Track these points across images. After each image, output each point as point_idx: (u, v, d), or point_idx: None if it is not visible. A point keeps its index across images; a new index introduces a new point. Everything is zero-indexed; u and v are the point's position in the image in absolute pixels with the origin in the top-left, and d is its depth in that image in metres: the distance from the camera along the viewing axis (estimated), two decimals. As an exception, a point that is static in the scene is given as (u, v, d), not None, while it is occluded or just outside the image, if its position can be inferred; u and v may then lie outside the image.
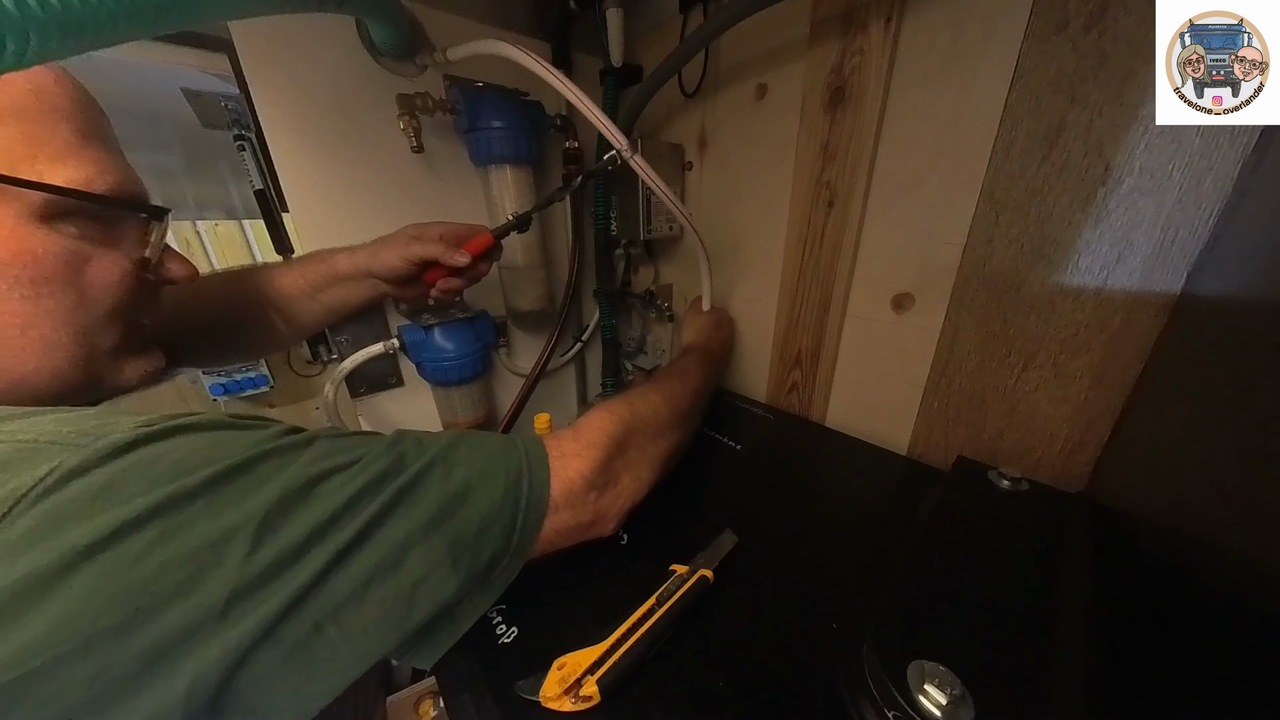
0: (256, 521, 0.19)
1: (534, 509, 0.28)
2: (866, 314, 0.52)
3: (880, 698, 0.23)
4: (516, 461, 0.29)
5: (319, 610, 0.20)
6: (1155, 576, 0.27)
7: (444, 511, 0.24)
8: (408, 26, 0.46)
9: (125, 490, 0.17)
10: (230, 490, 0.19)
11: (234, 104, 0.67)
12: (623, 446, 0.34)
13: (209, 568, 0.18)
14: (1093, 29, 0.32)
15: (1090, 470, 0.39)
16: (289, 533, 0.20)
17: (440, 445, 0.27)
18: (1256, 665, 0.18)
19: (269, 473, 0.21)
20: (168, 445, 0.19)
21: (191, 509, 0.18)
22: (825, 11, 0.46)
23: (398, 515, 0.23)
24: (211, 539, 0.18)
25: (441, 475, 0.25)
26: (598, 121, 0.46)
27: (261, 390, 1.45)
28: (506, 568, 0.28)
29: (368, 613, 0.21)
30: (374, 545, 0.22)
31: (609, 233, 0.69)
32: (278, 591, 0.19)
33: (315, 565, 0.20)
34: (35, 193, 0.22)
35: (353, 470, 0.23)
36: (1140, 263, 0.34)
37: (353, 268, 0.47)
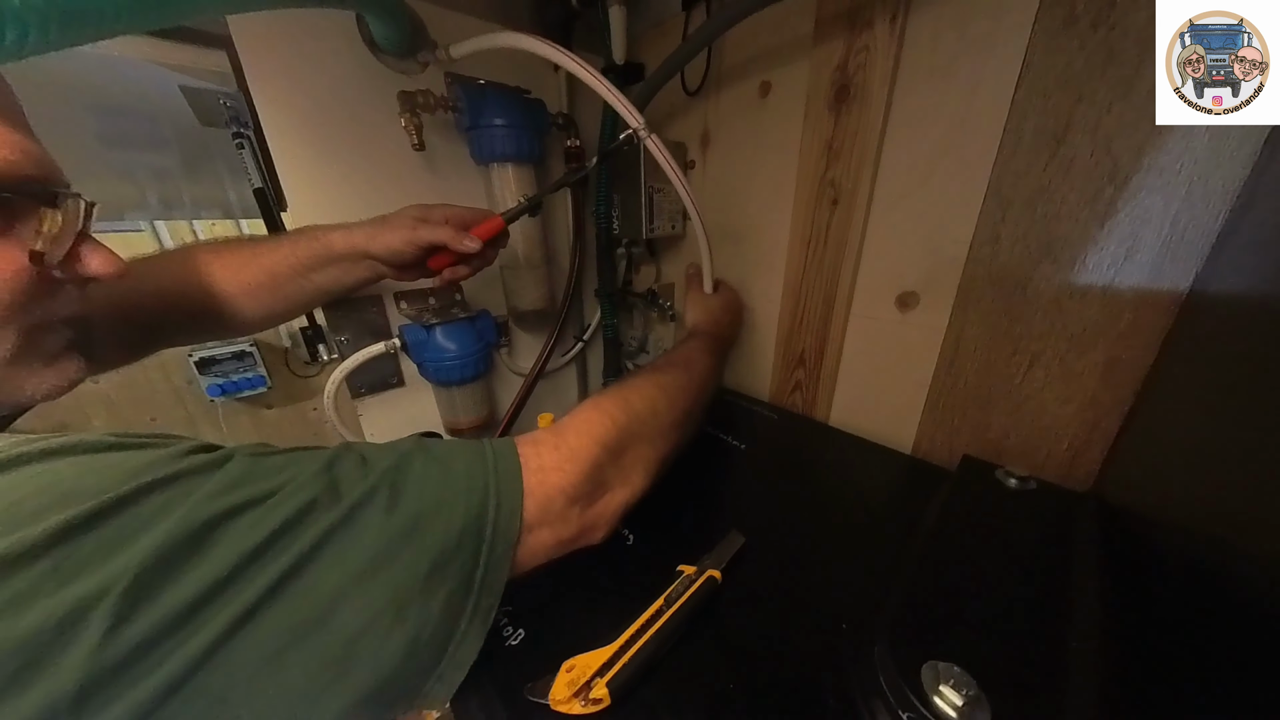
0: (122, 586, 0.15)
1: (502, 539, 0.24)
2: (871, 313, 0.51)
3: (895, 699, 0.23)
4: (481, 482, 0.25)
5: (221, 682, 0.16)
6: (1166, 575, 0.26)
7: (384, 555, 0.20)
8: (409, 23, 0.45)
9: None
10: (93, 542, 0.15)
11: (233, 101, 0.66)
12: (615, 453, 0.30)
13: (50, 656, 0.14)
14: (1101, 25, 0.32)
15: (1098, 469, 0.39)
16: (172, 597, 0.15)
17: (387, 466, 0.23)
18: (1269, 664, 0.18)
19: (152, 514, 0.16)
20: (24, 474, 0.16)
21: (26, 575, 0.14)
22: (830, 9, 0.46)
23: (323, 561, 0.19)
24: (56, 618, 0.14)
25: (384, 508, 0.21)
26: (615, 101, 0.45)
27: (259, 391, 1.44)
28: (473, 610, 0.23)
29: (290, 680, 0.17)
30: (290, 600, 0.17)
31: (611, 232, 0.69)
32: (152, 672, 0.15)
33: (210, 633, 0.16)
34: None
35: (270, 504, 0.18)
36: (1148, 261, 0.34)
37: (349, 248, 0.43)
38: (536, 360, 0.72)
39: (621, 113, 0.45)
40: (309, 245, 0.44)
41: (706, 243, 0.57)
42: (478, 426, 0.68)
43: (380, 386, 0.64)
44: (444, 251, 0.45)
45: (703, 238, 0.56)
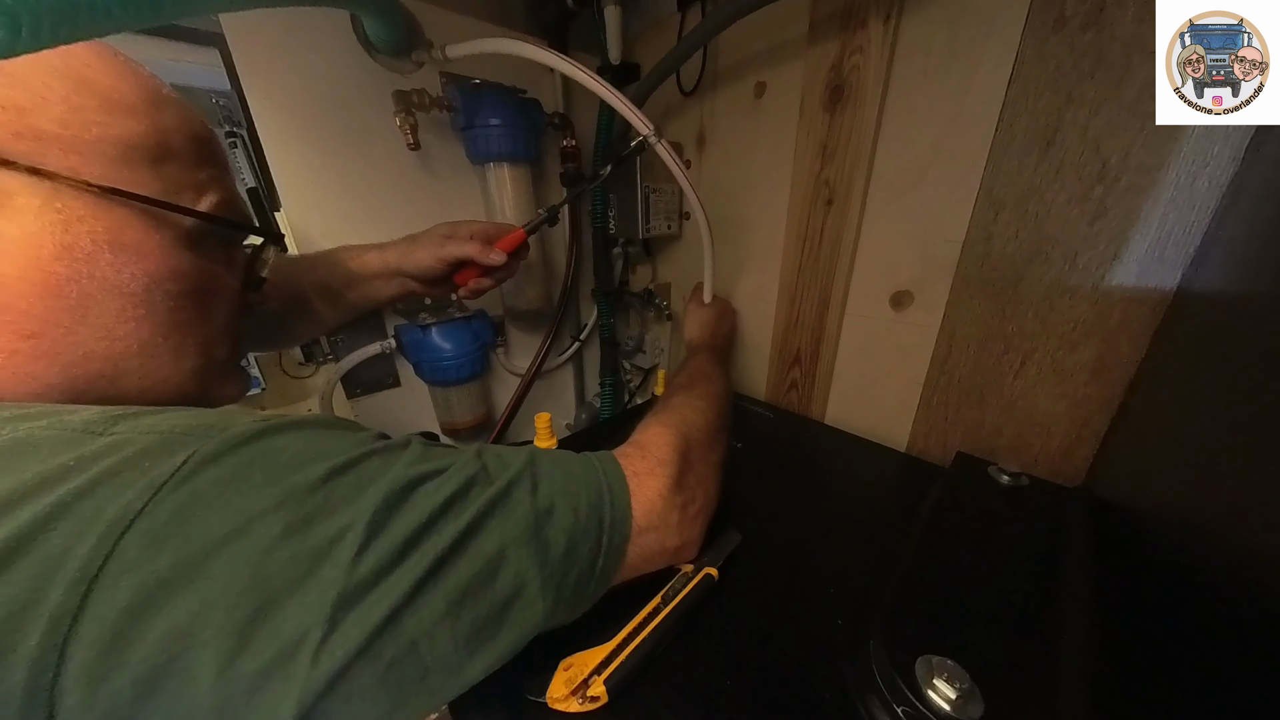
0: (365, 521, 0.19)
1: (618, 531, 0.27)
2: (865, 312, 0.52)
3: (889, 694, 0.23)
4: (596, 480, 0.28)
5: (415, 626, 0.19)
6: (1155, 569, 0.27)
7: (534, 526, 0.24)
8: (403, 22, 0.45)
9: (253, 479, 0.18)
10: (343, 486, 0.20)
11: (225, 100, 0.65)
12: (690, 460, 0.33)
13: (324, 564, 0.18)
14: (1090, 28, 0.33)
15: (1089, 465, 0.39)
16: (390, 536, 0.19)
17: (523, 460, 0.26)
18: (1257, 655, 0.18)
19: (373, 472, 0.21)
20: (286, 439, 0.20)
21: (311, 502, 0.19)
22: (825, 9, 0.46)
23: (491, 526, 0.22)
24: (328, 535, 0.18)
25: (529, 489, 0.25)
26: (623, 108, 0.46)
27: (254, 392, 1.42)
28: (591, 595, 0.27)
29: (460, 630, 0.20)
30: (469, 556, 0.21)
31: (607, 231, 0.69)
32: (379, 602, 0.18)
33: (414, 574, 0.19)
34: (187, 219, 0.25)
35: (445, 476, 0.23)
36: (1137, 260, 0.34)
37: (383, 266, 0.47)
38: (533, 360, 0.72)
39: (631, 120, 0.46)
40: (345, 265, 0.47)
41: (711, 253, 0.57)
42: (474, 427, 0.68)
43: (376, 387, 0.64)
44: (470, 266, 0.47)
45: (708, 249, 0.57)
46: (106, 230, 0.22)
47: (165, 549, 0.16)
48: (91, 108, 0.21)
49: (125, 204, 0.22)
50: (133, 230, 0.23)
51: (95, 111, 0.22)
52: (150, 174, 0.23)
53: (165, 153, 0.24)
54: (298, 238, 0.53)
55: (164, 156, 0.24)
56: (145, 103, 0.23)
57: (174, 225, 0.24)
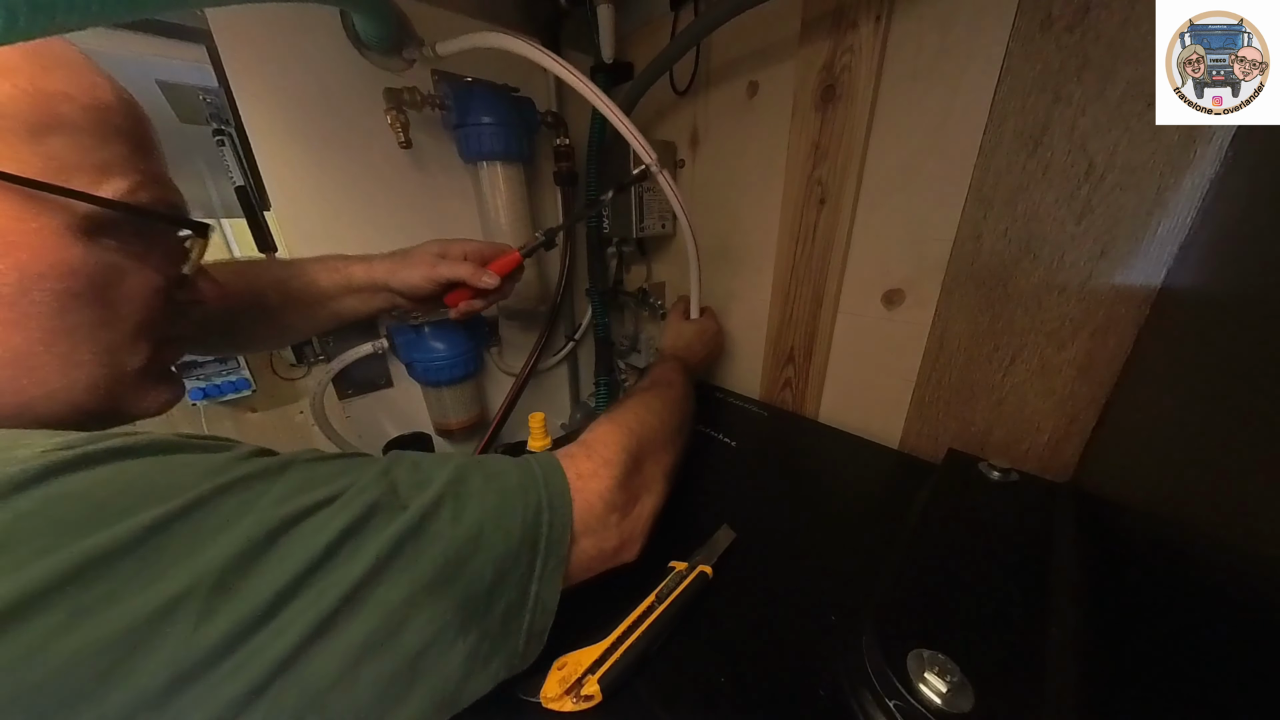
0: (209, 584, 0.15)
1: (554, 552, 0.25)
2: (858, 310, 0.52)
3: (881, 688, 0.24)
4: (535, 495, 0.25)
5: (298, 697, 0.16)
6: (1141, 561, 0.27)
7: (454, 563, 0.20)
8: (393, 19, 0.45)
9: (21, 549, 0.13)
10: (175, 543, 0.15)
11: (213, 97, 0.64)
12: (638, 461, 0.32)
13: (141, 652, 0.14)
14: (1076, 29, 0.33)
15: (1077, 460, 0.40)
16: (252, 594, 0.16)
17: (448, 478, 0.23)
18: (1242, 647, 0.19)
19: (228, 515, 0.17)
20: (89, 478, 0.15)
21: (118, 573, 0.14)
22: (816, 9, 0.46)
23: (397, 569, 0.19)
24: (146, 612, 0.14)
25: (450, 517, 0.21)
26: (628, 134, 0.46)
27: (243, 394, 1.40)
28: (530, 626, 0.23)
29: (360, 696, 0.17)
30: (369, 610, 0.18)
31: (601, 231, 0.69)
32: (236, 673, 0.15)
33: (289, 637, 0.16)
34: (80, 204, 0.21)
35: (335, 506, 0.19)
36: (1122, 258, 0.35)
37: (369, 280, 0.45)
38: (527, 360, 0.72)
39: (636, 148, 0.46)
40: (330, 275, 0.45)
41: (698, 270, 0.58)
42: (468, 427, 0.68)
43: (368, 388, 0.64)
44: (462, 287, 0.46)
45: (694, 266, 0.57)
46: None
47: None
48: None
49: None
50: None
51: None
52: (26, 149, 0.19)
53: (49, 123, 0.20)
54: (287, 237, 0.53)
55: (46, 128, 0.20)
56: (22, 61, 0.19)
57: (61, 211, 0.20)
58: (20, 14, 0.15)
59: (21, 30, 0.15)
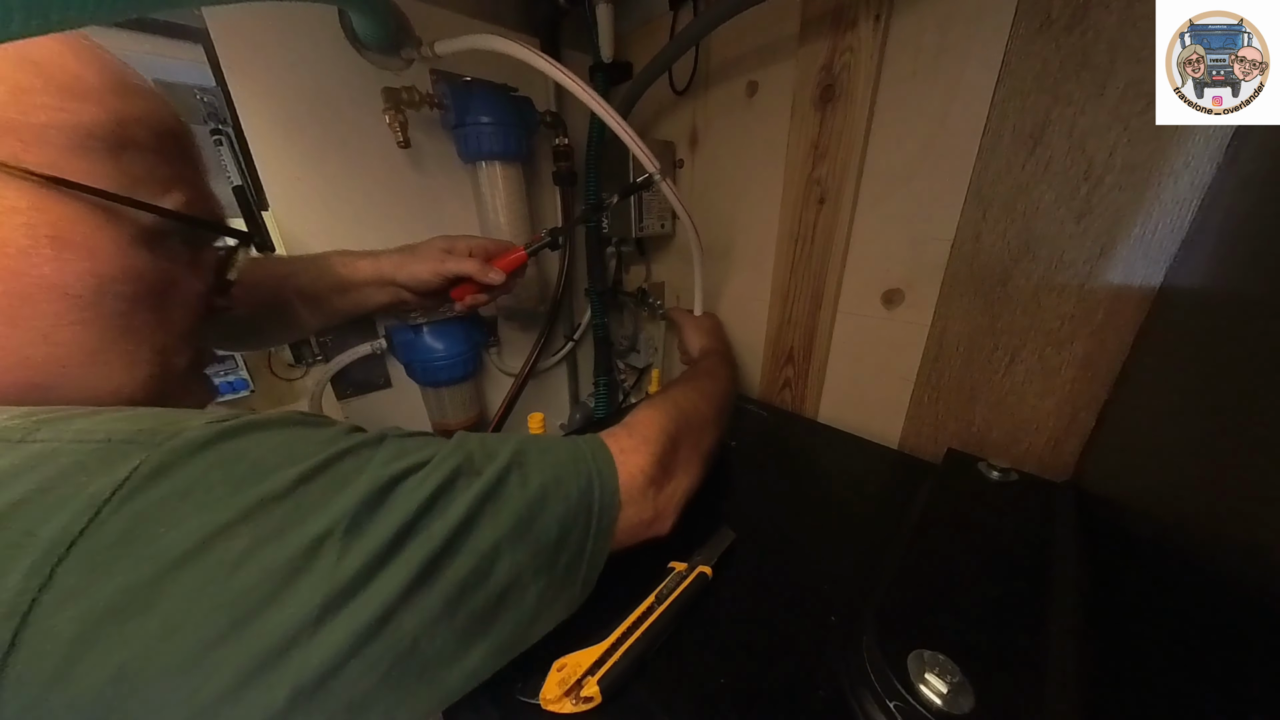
0: (344, 525, 0.18)
1: (606, 514, 0.27)
2: (857, 310, 0.52)
3: (882, 688, 0.24)
4: (585, 465, 0.28)
5: (414, 625, 0.19)
6: (1141, 560, 0.27)
7: (527, 518, 0.23)
8: (392, 19, 0.45)
9: (211, 492, 0.17)
10: (315, 491, 0.19)
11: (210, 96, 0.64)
12: (676, 441, 0.34)
13: (302, 573, 0.17)
14: (1075, 28, 0.33)
15: (1076, 459, 0.40)
16: (375, 536, 0.19)
17: (510, 449, 0.26)
18: (1239, 645, 0.19)
19: (348, 472, 0.20)
20: (245, 443, 0.19)
21: (280, 511, 0.18)
22: (815, 9, 0.46)
23: (484, 521, 0.22)
24: (303, 544, 0.17)
25: (519, 481, 0.24)
26: (631, 143, 0.46)
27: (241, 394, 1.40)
28: (583, 580, 0.27)
29: (457, 625, 0.20)
30: (465, 554, 0.21)
31: (600, 231, 0.69)
32: (370, 601, 0.18)
33: (403, 574, 0.19)
34: (145, 216, 0.23)
35: (426, 470, 0.22)
36: (1122, 257, 0.35)
37: (376, 275, 0.46)
38: (526, 360, 0.72)
39: (640, 157, 0.47)
40: (336, 271, 0.46)
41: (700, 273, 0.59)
42: (467, 427, 0.68)
43: (367, 388, 0.63)
44: (468, 282, 0.47)
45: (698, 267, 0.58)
46: (49, 224, 0.20)
47: (113, 574, 0.14)
48: (39, 89, 0.20)
49: (74, 196, 0.21)
50: (82, 225, 0.21)
51: (44, 94, 0.20)
52: (107, 166, 0.22)
53: (125, 143, 0.22)
54: (285, 237, 0.53)
55: (123, 147, 0.22)
56: (106, 89, 0.22)
57: (130, 222, 0.23)
58: (15, 13, 0.15)
59: (16, 29, 0.15)
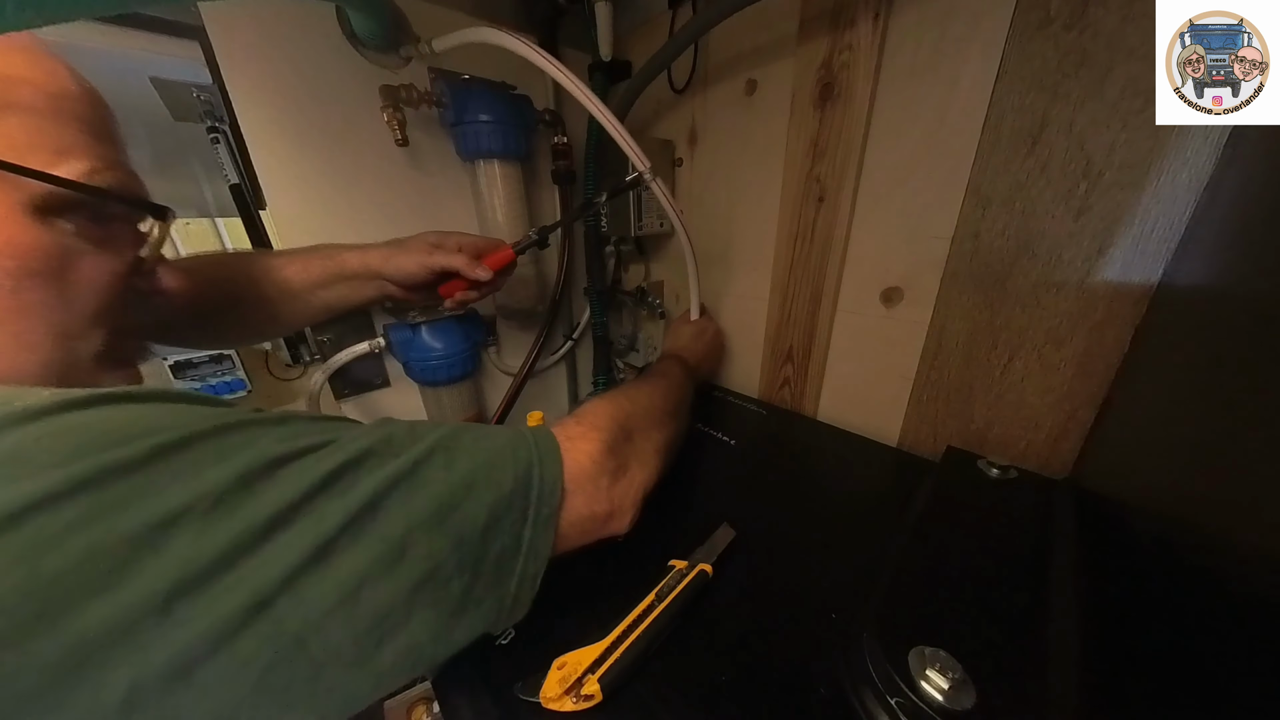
0: (210, 500, 0.16)
1: (546, 502, 0.26)
2: (857, 308, 0.52)
3: (883, 685, 0.24)
4: (526, 452, 0.27)
5: (299, 618, 0.17)
6: (1140, 557, 0.27)
7: (449, 504, 0.22)
8: (389, 16, 0.44)
9: (40, 460, 0.15)
10: (180, 463, 0.16)
11: (207, 94, 0.64)
12: (628, 432, 0.33)
13: (145, 555, 0.15)
14: (1074, 27, 0.33)
15: (1075, 456, 0.40)
16: (250, 514, 0.17)
17: (440, 434, 0.25)
18: (1238, 642, 0.19)
19: (228, 448, 0.18)
20: (97, 414, 0.17)
21: (126, 484, 0.15)
22: (814, 8, 0.46)
23: (393, 505, 0.20)
24: (151, 521, 0.15)
25: (443, 464, 0.23)
26: (621, 141, 0.46)
27: (239, 395, 1.39)
28: (521, 574, 0.25)
29: (359, 623, 0.18)
30: (367, 541, 0.19)
31: (599, 229, 0.68)
32: (236, 586, 0.16)
33: (288, 558, 0.17)
34: (35, 184, 0.21)
35: (331, 447, 0.20)
36: (1120, 255, 0.35)
37: (363, 267, 0.46)
38: (525, 359, 0.72)
39: (630, 156, 0.47)
40: (322, 263, 0.46)
41: (695, 273, 0.59)
42: (466, 427, 0.68)
43: (365, 387, 0.63)
44: (456, 278, 0.47)
45: (692, 269, 0.58)
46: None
47: None
48: None
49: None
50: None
51: None
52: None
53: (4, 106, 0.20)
54: (284, 236, 0.52)
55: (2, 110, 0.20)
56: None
57: (15, 191, 0.21)
58: (7, 5, 0.15)
59: (8, 22, 0.15)
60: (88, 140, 0.23)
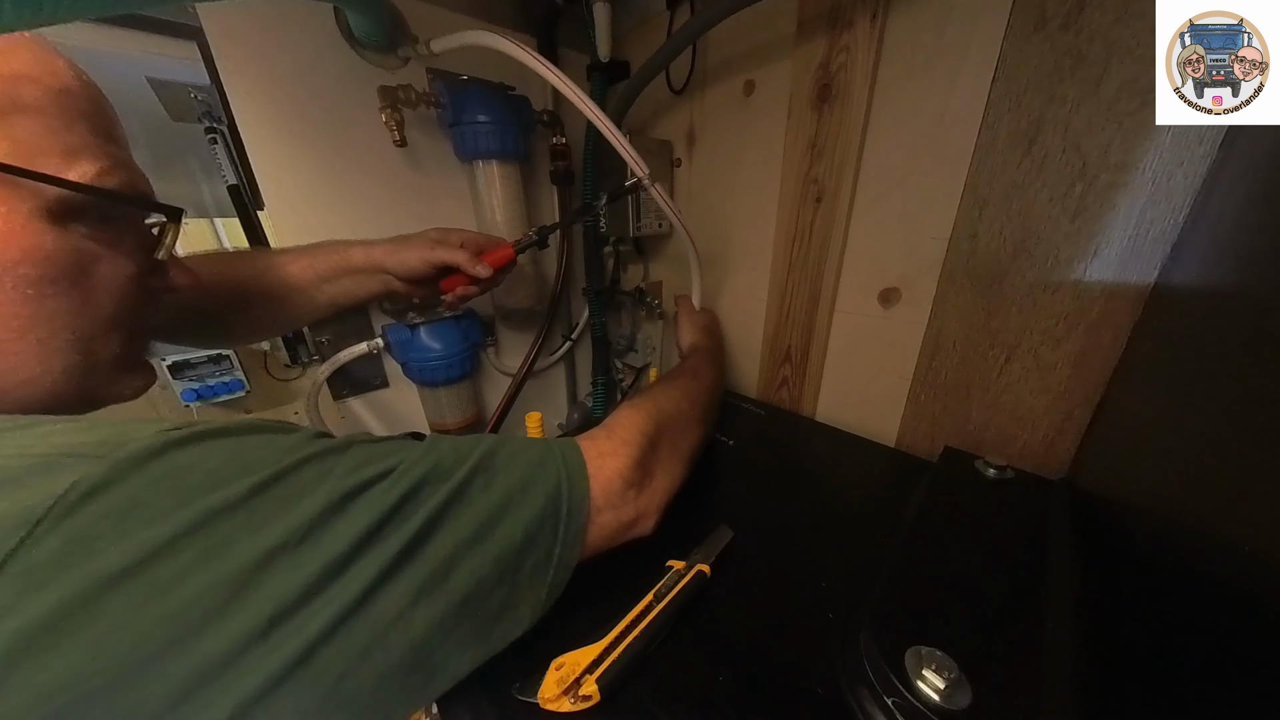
0: (300, 536, 0.18)
1: (575, 519, 0.27)
2: (854, 309, 0.52)
3: (880, 685, 0.24)
4: (555, 470, 0.28)
5: (367, 633, 0.18)
6: (1136, 557, 0.27)
7: (488, 524, 0.23)
8: (388, 17, 0.44)
9: (157, 505, 0.16)
10: (271, 502, 0.18)
11: (204, 95, 0.64)
12: (655, 442, 0.34)
13: (250, 588, 0.16)
14: (1070, 28, 0.33)
15: (1072, 457, 0.40)
16: (332, 545, 0.18)
17: (479, 453, 0.26)
18: (1234, 642, 0.19)
19: (309, 482, 0.19)
20: (197, 452, 0.18)
21: (230, 524, 0.17)
22: (812, 9, 0.46)
23: (443, 528, 0.22)
24: (254, 558, 0.17)
25: (483, 486, 0.24)
26: (619, 147, 0.46)
27: (237, 395, 1.39)
28: (551, 582, 0.26)
29: (415, 632, 0.20)
30: (421, 560, 0.21)
31: (598, 230, 0.68)
32: (322, 610, 0.17)
33: (360, 582, 0.18)
34: (49, 189, 0.21)
35: (392, 478, 0.22)
36: (1116, 255, 0.35)
37: (368, 262, 0.47)
38: (524, 359, 0.72)
39: (629, 162, 0.47)
40: (327, 258, 0.47)
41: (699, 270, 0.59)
42: (464, 427, 0.68)
43: (363, 388, 0.63)
44: (456, 273, 0.48)
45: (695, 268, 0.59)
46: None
47: (45, 592, 0.14)
48: None
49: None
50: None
51: None
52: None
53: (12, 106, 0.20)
54: (282, 237, 0.52)
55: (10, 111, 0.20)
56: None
57: (30, 196, 0.20)
58: (5, 6, 0.15)
59: (7, 22, 0.15)
60: (95, 140, 0.23)
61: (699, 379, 0.46)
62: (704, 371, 0.48)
